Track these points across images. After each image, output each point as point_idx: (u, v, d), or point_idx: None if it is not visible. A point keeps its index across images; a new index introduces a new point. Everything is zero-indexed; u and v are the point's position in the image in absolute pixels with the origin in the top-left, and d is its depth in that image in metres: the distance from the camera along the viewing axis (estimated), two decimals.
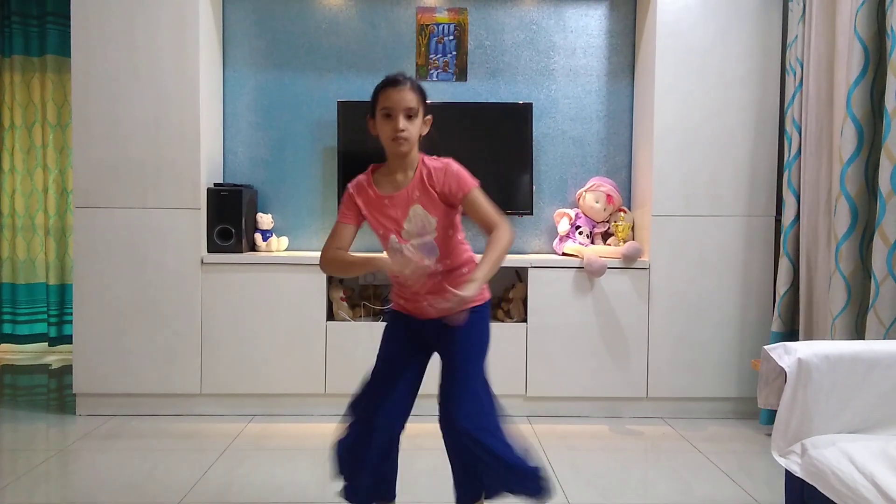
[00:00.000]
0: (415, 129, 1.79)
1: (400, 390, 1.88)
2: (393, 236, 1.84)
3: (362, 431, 1.85)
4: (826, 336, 2.70)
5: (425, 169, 1.81)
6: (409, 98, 1.77)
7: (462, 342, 1.86)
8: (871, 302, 2.35)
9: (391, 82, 1.78)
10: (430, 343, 1.92)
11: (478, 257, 1.82)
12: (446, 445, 1.86)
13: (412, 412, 1.92)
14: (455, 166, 1.83)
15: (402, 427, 1.91)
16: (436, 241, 1.82)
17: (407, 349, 1.92)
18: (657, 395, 3.23)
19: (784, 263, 3.00)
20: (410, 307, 1.91)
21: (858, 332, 2.55)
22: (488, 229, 1.79)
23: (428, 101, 1.85)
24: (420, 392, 1.97)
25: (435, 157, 1.86)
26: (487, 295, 1.92)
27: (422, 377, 1.94)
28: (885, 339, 2.27)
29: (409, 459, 2.57)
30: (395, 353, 1.92)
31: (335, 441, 1.89)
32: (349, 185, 1.89)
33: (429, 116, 1.85)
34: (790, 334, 3.00)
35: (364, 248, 3.51)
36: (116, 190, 3.11)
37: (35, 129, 4.37)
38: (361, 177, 1.88)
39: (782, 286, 3.00)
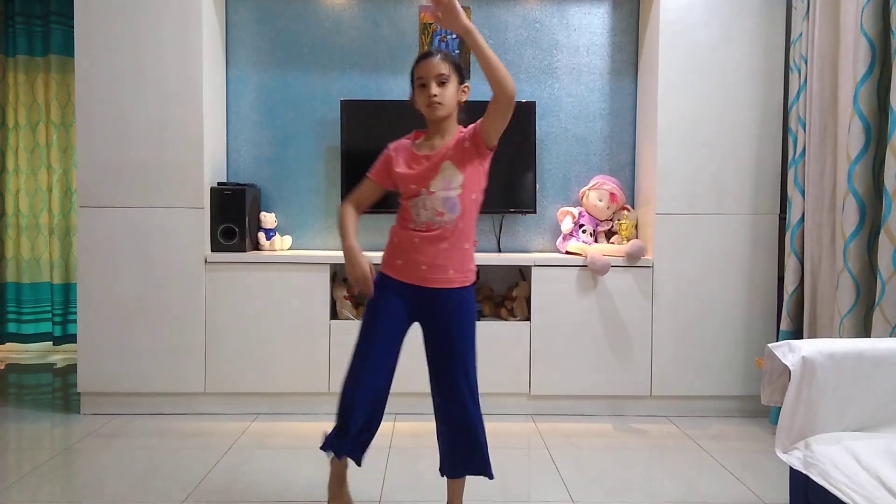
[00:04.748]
0: (448, 94, 1.91)
1: (384, 357, 1.95)
2: (423, 190, 1.91)
3: (351, 397, 1.94)
4: (831, 334, 2.69)
5: (460, 134, 1.95)
6: (439, 66, 1.90)
7: (458, 327, 1.93)
8: (877, 300, 2.33)
9: (423, 56, 1.94)
10: (415, 310, 1.96)
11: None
12: (445, 423, 1.96)
13: (414, 412, 1.93)
14: None
15: (386, 391, 1.98)
16: (458, 198, 1.90)
17: (393, 314, 1.95)
18: (661, 394, 3.22)
19: (792, 262, 2.98)
20: (405, 270, 1.94)
21: (866, 331, 2.54)
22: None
23: (462, 71, 1.96)
24: (420, 391, 1.97)
25: None
26: (473, 277, 1.99)
27: (403, 340, 1.99)
28: (891, 337, 2.26)
29: (413, 459, 2.58)
30: (382, 317, 1.95)
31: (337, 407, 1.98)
32: (389, 145, 2.02)
33: (466, 84, 1.96)
34: (799, 332, 2.98)
35: (370, 247, 3.51)
36: (120, 189, 3.11)
37: (39, 129, 4.38)
38: (404, 138, 2.02)
39: (790, 285, 2.98)
